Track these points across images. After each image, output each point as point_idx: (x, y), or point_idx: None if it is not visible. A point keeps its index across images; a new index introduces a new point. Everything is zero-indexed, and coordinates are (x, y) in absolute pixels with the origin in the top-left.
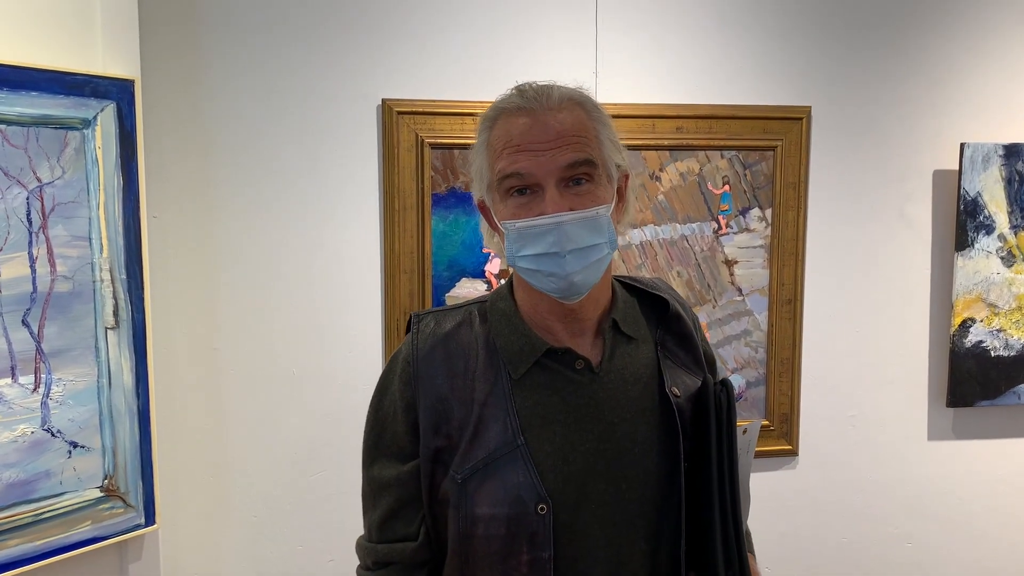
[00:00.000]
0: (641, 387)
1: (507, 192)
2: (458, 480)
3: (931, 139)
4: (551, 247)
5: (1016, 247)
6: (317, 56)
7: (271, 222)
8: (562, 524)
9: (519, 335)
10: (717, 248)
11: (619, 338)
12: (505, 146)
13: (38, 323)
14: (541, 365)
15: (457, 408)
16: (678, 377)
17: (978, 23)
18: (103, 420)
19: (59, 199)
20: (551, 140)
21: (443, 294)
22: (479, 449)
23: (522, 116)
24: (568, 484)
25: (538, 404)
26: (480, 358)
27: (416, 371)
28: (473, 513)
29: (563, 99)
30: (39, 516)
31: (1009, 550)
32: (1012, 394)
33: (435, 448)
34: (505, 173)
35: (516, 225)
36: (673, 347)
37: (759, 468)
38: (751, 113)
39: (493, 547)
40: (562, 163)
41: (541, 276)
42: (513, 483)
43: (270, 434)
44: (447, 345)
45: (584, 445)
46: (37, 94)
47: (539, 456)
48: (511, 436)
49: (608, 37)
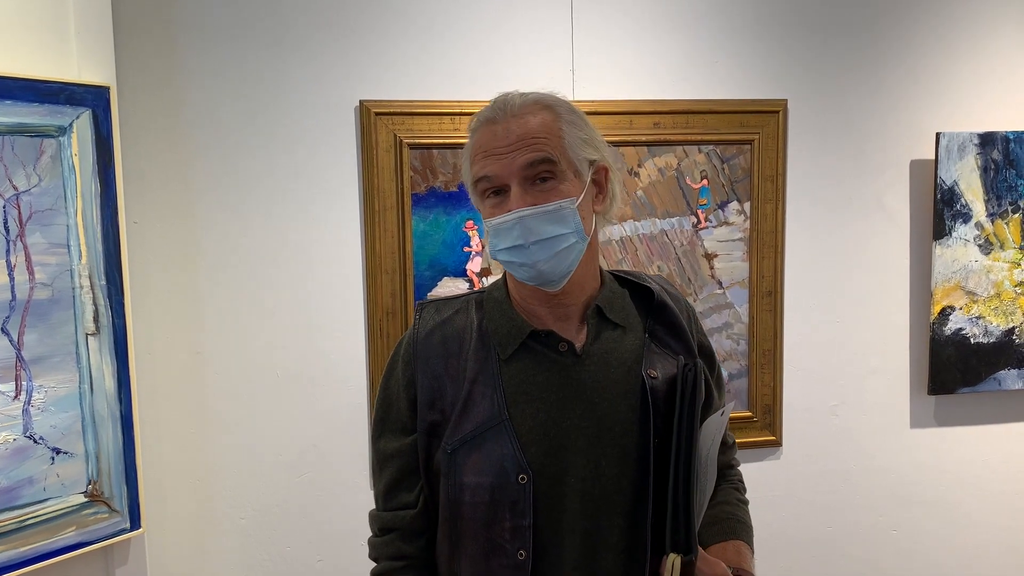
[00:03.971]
0: (624, 370)
1: (483, 194)
2: (448, 451)
3: (907, 129)
4: (516, 240)
5: (993, 235)
6: (294, 59)
7: (251, 225)
8: (542, 494)
9: (507, 319)
10: (697, 242)
11: (604, 324)
12: (476, 153)
13: (18, 330)
14: (527, 347)
15: (450, 385)
16: (661, 361)
17: (951, 15)
18: (86, 426)
19: (36, 207)
20: (512, 143)
21: (425, 293)
22: (468, 423)
23: (490, 125)
24: (548, 457)
25: (523, 382)
26: (473, 340)
27: (415, 351)
28: (461, 481)
29: (525, 104)
30: (23, 523)
31: (993, 535)
32: (992, 380)
33: (430, 422)
34: (477, 177)
35: (490, 223)
36: (663, 335)
37: (743, 459)
38: (728, 107)
39: (478, 513)
40: (521, 163)
41: (515, 267)
42: (497, 454)
43: (255, 436)
44: (444, 329)
45: (565, 422)
46: (11, 102)
47: (522, 430)
48: (497, 411)
49: (584, 35)
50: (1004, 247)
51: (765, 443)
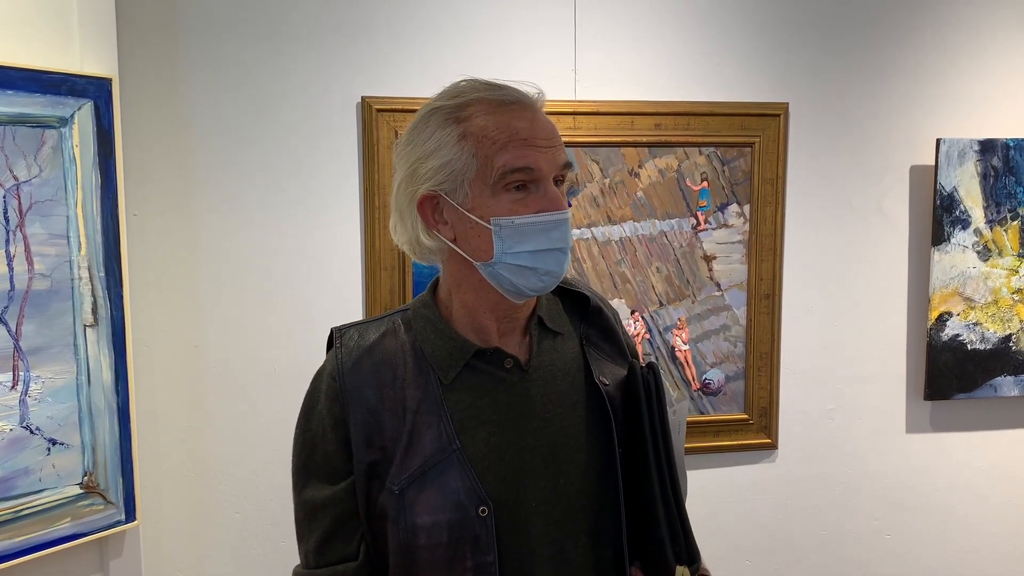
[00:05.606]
0: (570, 380)
1: (506, 187)
2: (395, 491)
3: (907, 135)
4: (557, 242)
5: (992, 241)
6: (296, 53)
7: (251, 219)
8: (504, 525)
9: (446, 339)
10: (696, 244)
11: (544, 334)
12: (510, 139)
13: (16, 321)
14: (471, 367)
15: (389, 419)
16: (605, 367)
17: (953, 21)
18: (82, 417)
19: (36, 197)
20: (551, 138)
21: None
22: (414, 458)
23: (525, 111)
24: (506, 484)
25: (471, 407)
26: (408, 366)
27: (343, 384)
28: (414, 523)
29: (541, 100)
30: (18, 513)
31: (987, 541)
32: (988, 387)
33: (369, 462)
34: (514, 167)
35: (515, 221)
36: (597, 340)
37: (738, 462)
38: (729, 110)
39: (437, 555)
40: (560, 162)
41: (532, 273)
42: (452, 488)
43: (251, 431)
44: (372, 356)
45: (519, 443)
46: (13, 93)
47: (475, 458)
48: (446, 441)
49: (587, 34)
50: (1002, 254)
51: (761, 446)
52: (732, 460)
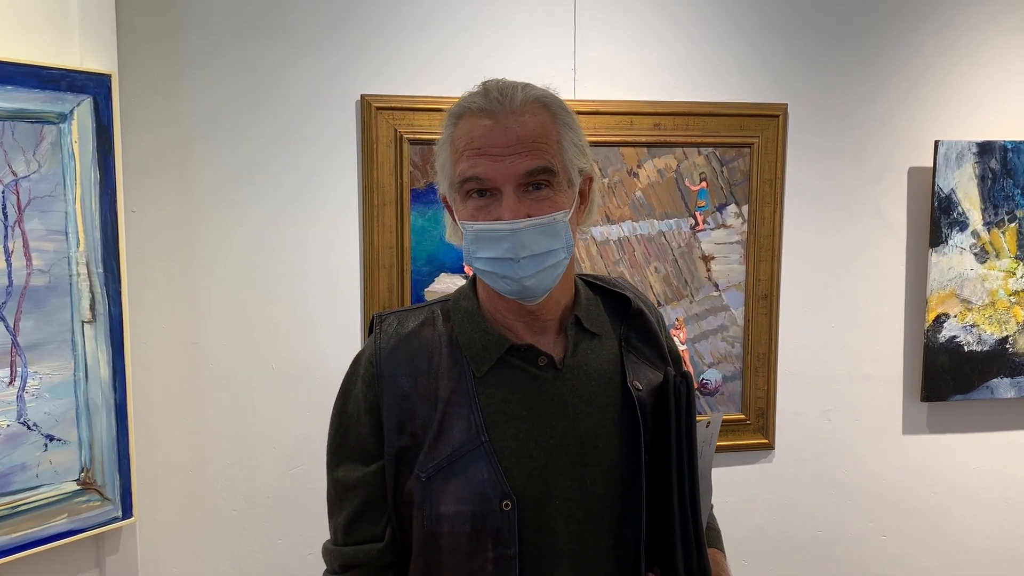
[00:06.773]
0: (604, 382)
1: (467, 194)
2: (422, 478)
3: (906, 137)
4: (506, 252)
5: (989, 243)
6: (296, 52)
7: (249, 217)
8: (526, 520)
9: (481, 332)
10: (694, 244)
11: (582, 334)
12: (466, 148)
13: (14, 316)
14: (504, 362)
15: (421, 407)
16: (641, 371)
17: (952, 23)
18: (80, 413)
19: (35, 193)
20: (511, 145)
21: (422, 289)
22: (443, 447)
23: (485, 118)
24: (532, 480)
25: (501, 401)
26: (443, 356)
27: (379, 371)
28: (438, 511)
29: (527, 101)
30: (15, 509)
31: (982, 542)
32: (985, 388)
33: (399, 447)
34: (465, 176)
35: (473, 227)
36: (637, 343)
37: (735, 462)
38: (728, 110)
39: (458, 545)
40: (520, 170)
41: (496, 278)
42: (477, 480)
43: (249, 428)
44: (410, 344)
45: (548, 441)
46: (12, 88)
47: (503, 453)
48: (475, 433)
49: (586, 34)
50: (1000, 256)
51: (758, 446)
52: (729, 460)
